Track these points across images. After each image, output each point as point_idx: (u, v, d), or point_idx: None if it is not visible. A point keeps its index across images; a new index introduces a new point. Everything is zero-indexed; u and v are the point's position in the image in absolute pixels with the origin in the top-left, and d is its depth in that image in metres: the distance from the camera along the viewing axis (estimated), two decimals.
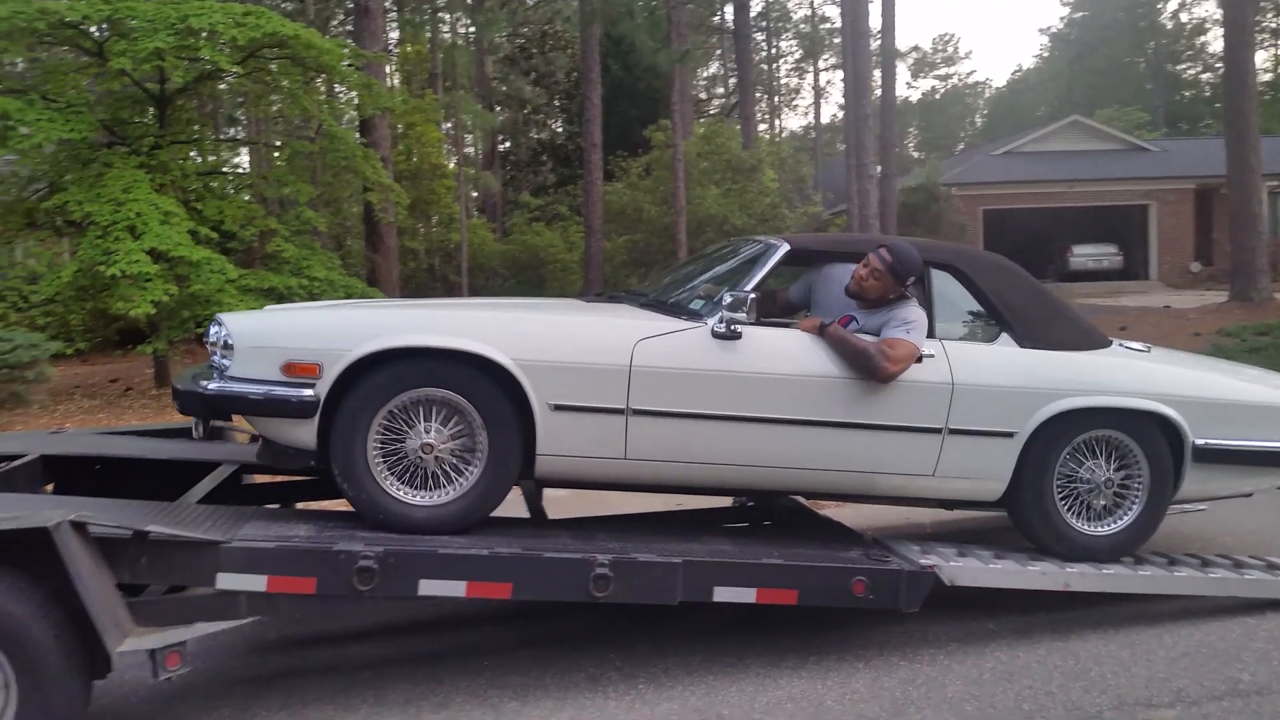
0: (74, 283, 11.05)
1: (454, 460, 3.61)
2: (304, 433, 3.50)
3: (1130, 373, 4.23)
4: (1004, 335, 4.14)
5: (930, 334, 4.01)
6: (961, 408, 3.93)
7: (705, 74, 43.81)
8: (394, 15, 24.05)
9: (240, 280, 11.29)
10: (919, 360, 3.89)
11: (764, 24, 43.50)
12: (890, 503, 4.38)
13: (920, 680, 3.87)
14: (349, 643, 4.40)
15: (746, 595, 3.77)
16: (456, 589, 3.52)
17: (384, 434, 3.53)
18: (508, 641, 4.33)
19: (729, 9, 32.24)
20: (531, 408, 3.56)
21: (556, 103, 31.44)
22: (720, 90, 45.06)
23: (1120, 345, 4.48)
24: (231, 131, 24.58)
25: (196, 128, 14.14)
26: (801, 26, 47.93)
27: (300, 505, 4.89)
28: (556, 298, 8.40)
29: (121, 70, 11.14)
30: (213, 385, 3.54)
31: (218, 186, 13.48)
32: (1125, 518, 4.25)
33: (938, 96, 62.51)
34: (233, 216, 12.36)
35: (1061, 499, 4.16)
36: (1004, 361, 4.06)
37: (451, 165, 23.89)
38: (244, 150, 22.75)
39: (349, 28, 25.09)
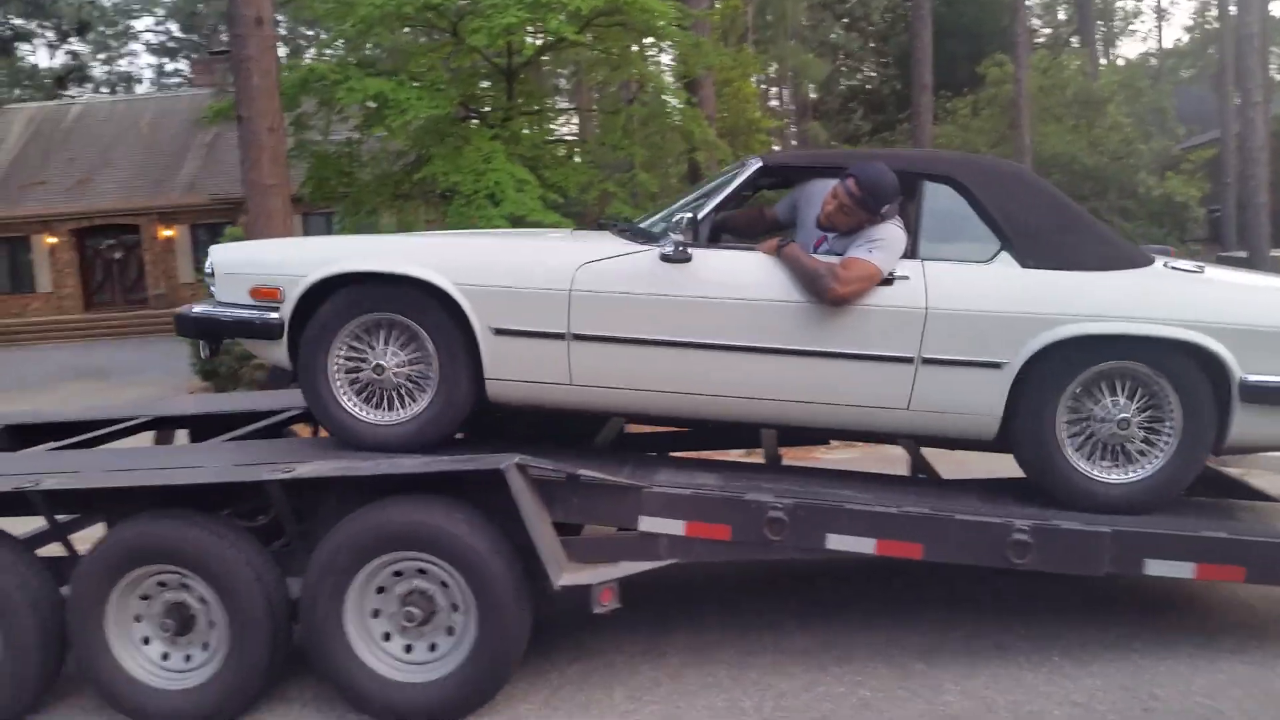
0: None
1: (410, 383, 3.66)
2: (279, 353, 3.73)
3: (1161, 295, 3.53)
4: (1003, 254, 3.59)
5: (914, 254, 3.60)
6: (937, 335, 3.50)
7: (1029, 2, 40.54)
8: None
9: None
10: (889, 282, 3.51)
11: None
12: (867, 439, 3.90)
13: None
14: (742, 591, 4.49)
15: (1183, 570, 3.44)
16: (865, 545, 3.47)
17: (347, 355, 3.65)
18: (902, 601, 4.24)
19: None
20: (474, 331, 3.57)
21: (871, 46, 30.39)
22: (1044, 18, 41.58)
23: (1168, 265, 3.71)
24: (551, 101, 25.81)
25: (526, 98, 14.93)
26: None
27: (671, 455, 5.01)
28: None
29: (474, 47, 11.96)
30: (197, 308, 3.84)
31: (559, 153, 14.20)
32: (1149, 465, 3.55)
33: None
34: (575, 182, 12.99)
35: (1072, 441, 3.56)
36: (993, 284, 3.54)
37: (761, 117, 23.68)
38: (563, 117, 23.80)
39: None
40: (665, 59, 16.94)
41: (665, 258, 3.53)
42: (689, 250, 3.52)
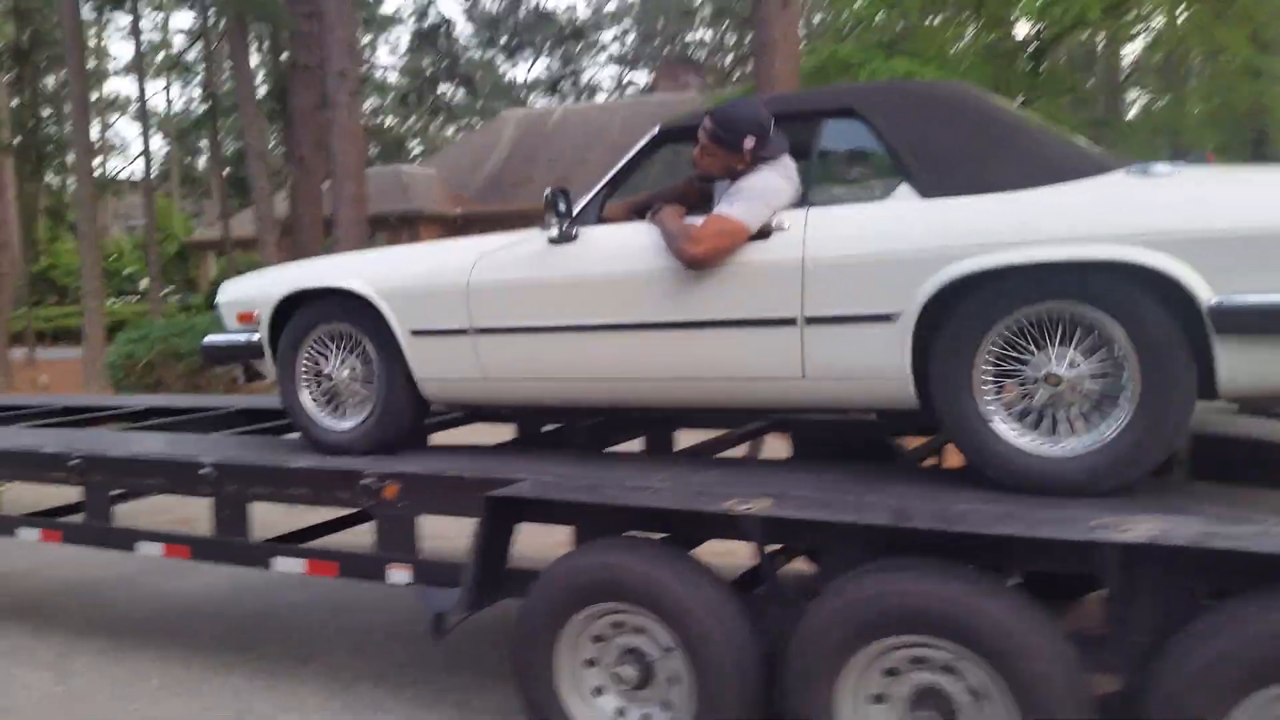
0: None
1: (360, 388, 3.80)
2: (270, 370, 4.02)
3: (1092, 209, 2.61)
4: (902, 187, 2.91)
5: (803, 202, 3.09)
6: (818, 289, 2.93)
7: None
8: None
9: None
10: (764, 235, 3.02)
11: None
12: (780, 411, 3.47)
13: None
14: None
15: None
16: None
17: (309, 366, 3.88)
18: None
19: None
20: (395, 335, 3.66)
21: None
22: None
23: (1131, 172, 2.67)
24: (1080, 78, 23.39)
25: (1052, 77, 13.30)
26: None
27: None
28: None
29: (999, 23, 10.76)
30: (208, 339, 4.21)
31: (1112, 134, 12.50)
32: (1096, 432, 2.64)
33: None
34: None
35: (994, 404, 2.75)
36: (881, 222, 2.88)
37: None
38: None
39: None
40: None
41: (552, 240, 3.37)
42: (574, 230, 3.33)
